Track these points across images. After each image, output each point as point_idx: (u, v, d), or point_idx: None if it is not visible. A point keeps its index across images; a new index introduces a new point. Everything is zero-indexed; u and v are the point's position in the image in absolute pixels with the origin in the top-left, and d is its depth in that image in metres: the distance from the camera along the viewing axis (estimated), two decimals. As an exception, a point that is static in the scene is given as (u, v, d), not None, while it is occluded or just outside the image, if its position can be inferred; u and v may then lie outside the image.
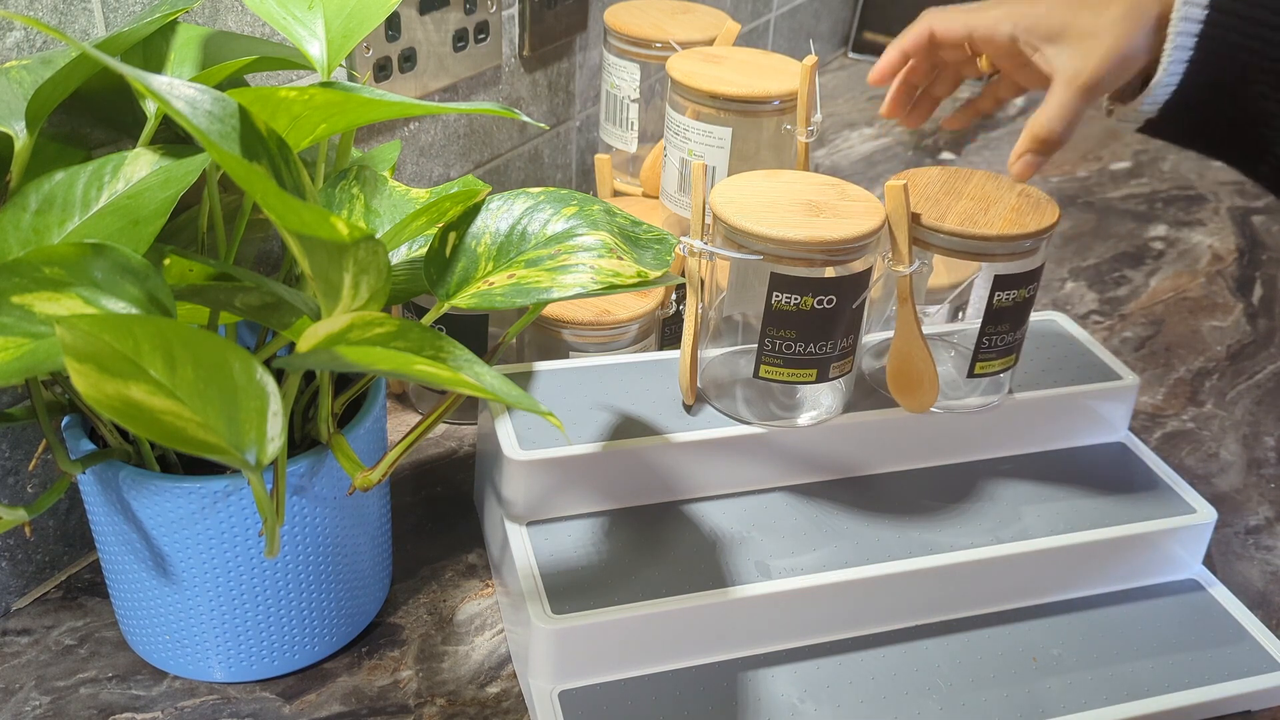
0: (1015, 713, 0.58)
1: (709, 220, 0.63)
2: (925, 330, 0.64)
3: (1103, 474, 0.70)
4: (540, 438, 0.63)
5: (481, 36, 0.87)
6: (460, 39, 0.85)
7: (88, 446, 0.54)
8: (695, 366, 0.66)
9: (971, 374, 0.66)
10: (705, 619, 0.59)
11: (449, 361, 0.44)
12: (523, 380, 0.68)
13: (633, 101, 0.87)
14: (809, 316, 0.61)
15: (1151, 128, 0.64)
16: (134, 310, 0.44)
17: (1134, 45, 0.59)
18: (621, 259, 0.54)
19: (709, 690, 0.58)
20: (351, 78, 0.75)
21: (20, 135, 0.49)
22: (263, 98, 0.46)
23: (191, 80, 0.43)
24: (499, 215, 0.56)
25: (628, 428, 0.64)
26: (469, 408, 0.78)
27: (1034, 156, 0.62)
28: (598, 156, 0.89)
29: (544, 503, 0.63)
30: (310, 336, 0.42)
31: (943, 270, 0.67)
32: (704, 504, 0.66)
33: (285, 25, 0.55)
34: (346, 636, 0.61)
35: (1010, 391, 0.70)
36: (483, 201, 0.56)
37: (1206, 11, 0.57)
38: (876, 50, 1.54)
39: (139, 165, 0.50)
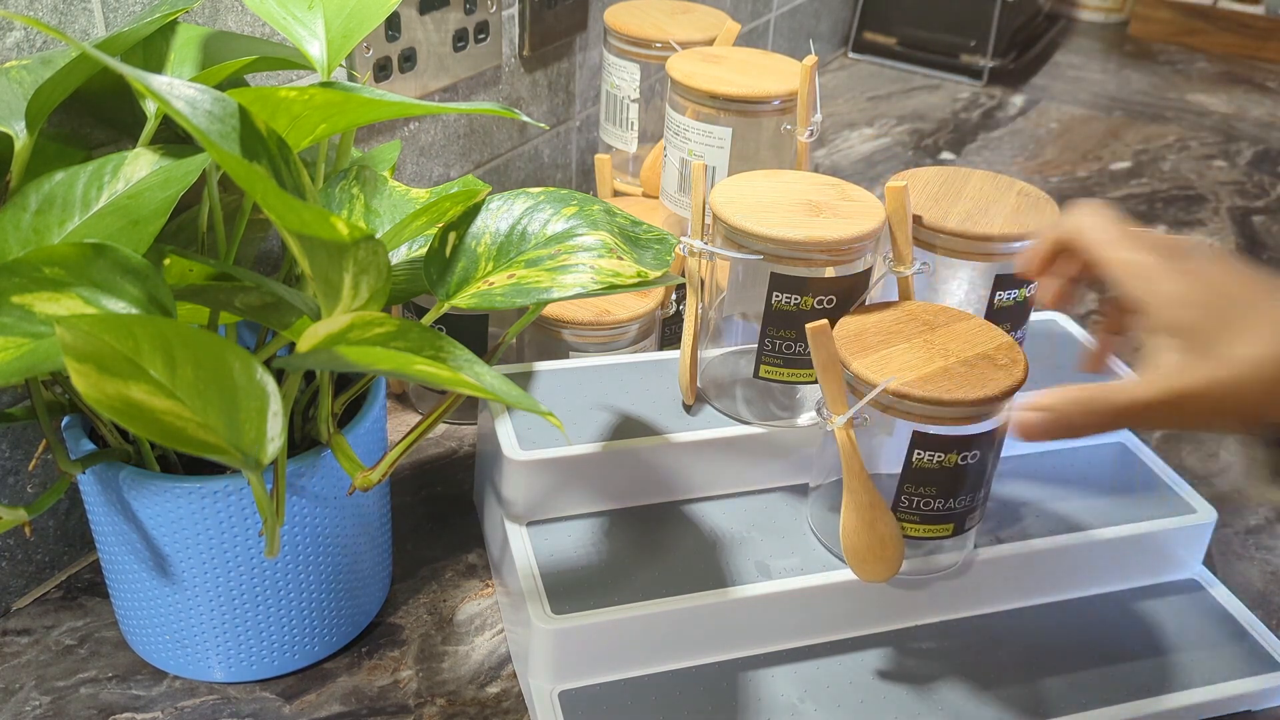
0: (1015, 712, 0.58)
1: (709, 220, 0.63)
2: None
3: (1103, 474, 0.70)
4: (540, 438, 0.63)
5: (481, 36, 0.87)
6: (460, 39, 0.85)
7: (88, 446, 0.54)
8: (695, 366, 0.66)
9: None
10: (705, 619, 0.59)
11: (449, 361, 0.44)
12: (523, 380, 0.68)
13: (633, 101, 0.87)
14: (809, 316, 0.60)
15: None
16: (134, 310, 0.44)
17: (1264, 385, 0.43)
18: (621, 259, 0.54)
19: (709, 690, 0.58)
20: (351, 78, 0.75)
21: (20, 135, 0.49)
22: (263, 98, 0.46)
23: (191, 80, 0.43)
24: (499, 215, 0.56)
25: (628, 428, 0.64)
26: (469, 408, 0.78)
27: (1038, 421, 0.48)
28: (598, 156, 0.89)
29: (544, 503, 0.63)
30: (310, 336, 0.42)
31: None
32: (704, 504, 0.66)
33: (285, 25, 0.55)
34: (346, 636, 0.61)
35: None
36: (483, 201, 0.56)
37: None
38: (876, 50, 1.54)
39: (139, 165, 0.50)
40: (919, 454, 0.55)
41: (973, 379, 0.54)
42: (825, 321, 0.54)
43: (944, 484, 0.56)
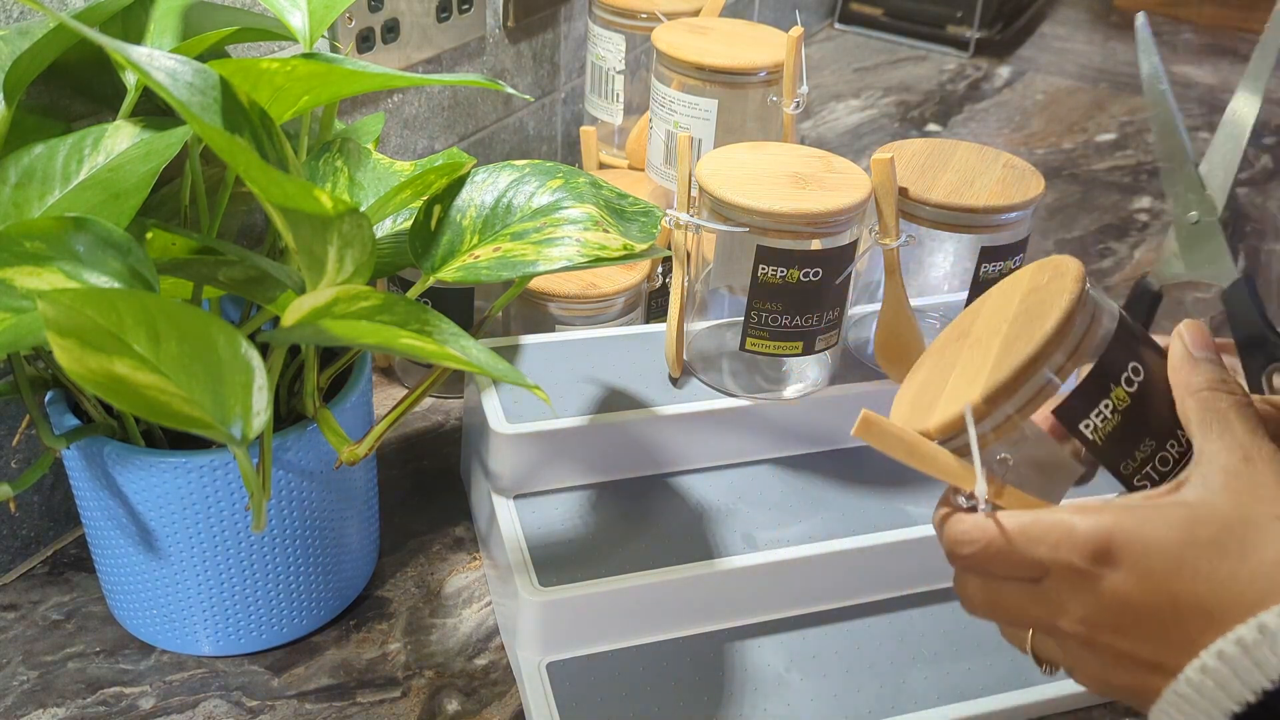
0: (999, 681, 0.59)
1: (695, 193, 0.62)
2: (910, 302, 0.64)
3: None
4: (527, 411, 0.63)
5: (465, 7, 0.86)
6: (444, 9, 0.84)
7: (72, 422, 0.54)
8: (682, 339, 0.66)
9: (957, 346, 0.66)
10: (692, 590, 0.59)
11: (435, 335, 0.44)
12: (509, 354, 0.68)
13: (618, 73, 0.86)
14: (795, 289, 0.61)
15: None
16: (116, 284, 0.44)
17: None
18: (607, 232, 0.54)
19: (696, 661, 0.58)
20: (334, 49, 0.74)
21: (-2, 107, 0.49)
22: (244, 69, 0.46)
23: (172, 51, 0.43)
24: (484, 188, 0.56)
25: (614, 401, 0.64)
26: (455, 381, 0.78)
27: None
28: (583, 129, 0.88)
29: (531, 476, 0.63)
30: (295, 310, 0.42)
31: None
32: (691, 476, 0.66)
33: (266, -5, 0.54)
34: (334, 610, 0.61)
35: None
36: (468, 174, 0.56)
37: None
38: (862, 21, 1.53)
39: (120, 138, 0.49)
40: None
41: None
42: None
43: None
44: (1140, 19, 0.65)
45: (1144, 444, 0.41)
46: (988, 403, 0.40)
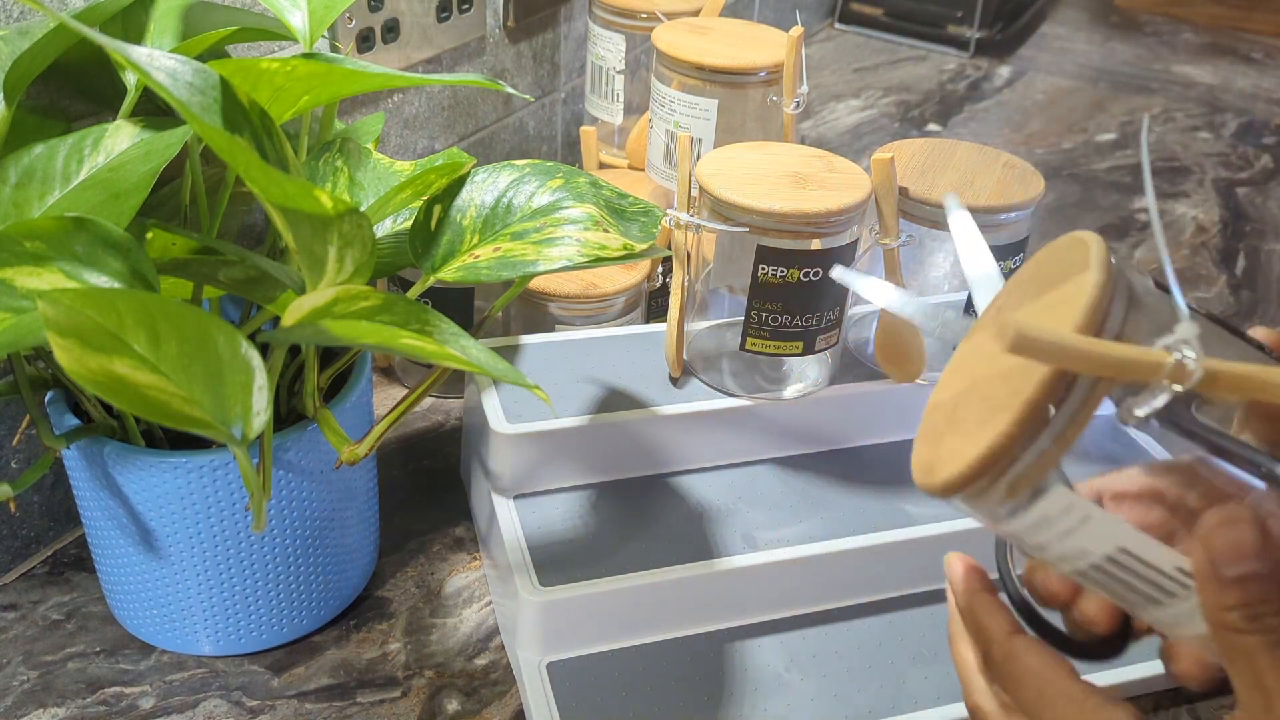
0: (999, 681, 0.59)
1: (695, 193, 0.62)
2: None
3: (1088, 446, 0.71)
4: (527, 411, 0.63)
5: (465, 7, 0.86)
6: (444, 9, 0.84)
7: (72, 422, 0.54)
8: (682, 339, 0.66)
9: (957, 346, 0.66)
10: (692, 590, 0.59)
11: (435, 335, 0.44)
12: (509, 354, 0.68)
13: (618, 73, 0.86)
14: (795, 289, 0.61)
15: None
16: (117, 284, 0.44)
17: None
18: (608, 232, 0.54)
19: (696, 661, 0.58)
20: (334, 49, 0.74)
21: (-2, 107, 0.49)
22: (244, 69, 0.46)
23: (172, 51, 0.43)
24: (484, 188, 0.56)
25: (614, 401, 0.64)
26: (455, 381, 0.78)
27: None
28: (583, 129, 0.88)
29: (531, 476, 0.63)
30: (295, 310, 0.42)
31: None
32: (690, 476, 0.66)
33: (266, -5, 0.54)
34: (334, 610, 0.61)
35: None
36: (468, 174, 0.56)
37: None
38: (863, 21, 1.53)
39: (120, 138, 0.49)
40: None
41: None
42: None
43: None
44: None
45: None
46: (1102, 270, 0.33)
